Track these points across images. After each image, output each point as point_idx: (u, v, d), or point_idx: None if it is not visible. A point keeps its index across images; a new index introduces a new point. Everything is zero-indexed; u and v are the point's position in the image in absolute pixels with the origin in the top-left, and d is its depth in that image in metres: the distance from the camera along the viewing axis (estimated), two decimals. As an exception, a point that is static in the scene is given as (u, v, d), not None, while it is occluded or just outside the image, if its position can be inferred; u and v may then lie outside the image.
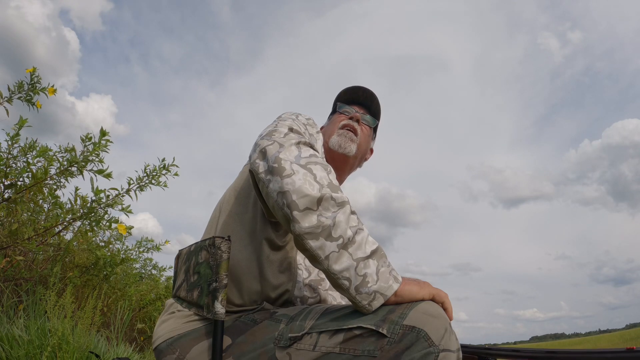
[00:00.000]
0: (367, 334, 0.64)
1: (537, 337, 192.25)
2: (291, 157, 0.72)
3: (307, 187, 0.67)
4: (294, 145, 0.75)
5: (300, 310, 0.78)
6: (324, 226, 0.66)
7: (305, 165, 0.71)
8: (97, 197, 2.46)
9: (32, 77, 2.31)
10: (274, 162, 0.71)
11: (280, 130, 0.80)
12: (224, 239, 0.85)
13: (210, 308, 0.81)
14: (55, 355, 1.90)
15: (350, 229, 0.66)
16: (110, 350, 2.49)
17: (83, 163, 2.38)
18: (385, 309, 0.65)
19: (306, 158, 0.73)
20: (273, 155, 0.72)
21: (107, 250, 3.17)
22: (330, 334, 0.67)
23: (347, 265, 0.65)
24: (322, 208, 0.67)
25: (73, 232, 2.81)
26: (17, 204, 2.31)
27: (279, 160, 0.71)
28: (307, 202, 0.67)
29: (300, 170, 0.69)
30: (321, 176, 0.70)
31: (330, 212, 0.67)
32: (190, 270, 0.92)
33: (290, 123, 0.86)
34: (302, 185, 0.67)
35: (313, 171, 0.70)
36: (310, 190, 0.67)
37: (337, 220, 0.66)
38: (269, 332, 0.76)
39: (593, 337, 61.98)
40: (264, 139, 0.78)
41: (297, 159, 0.72)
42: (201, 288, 0.86)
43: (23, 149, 2.34)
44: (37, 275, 2.65)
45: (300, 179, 0.68)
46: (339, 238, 0.66)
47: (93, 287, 2.92)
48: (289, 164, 0.70)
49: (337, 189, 0.70)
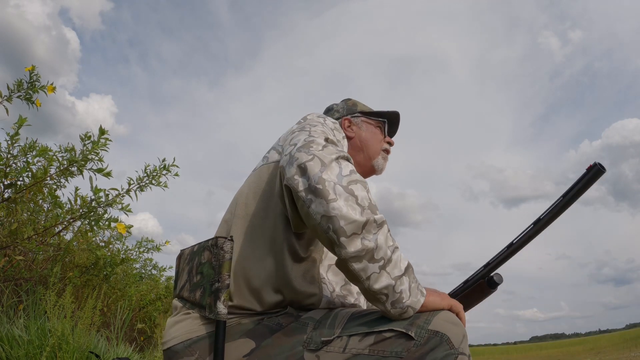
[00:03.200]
0: (397, 336, 0.70)
1: (537, 337, 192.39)
2: (334, 178, 0.70)
3: (352, 213, 0.69)
4: (334, 161, 0.73)
5: (324, 313, 0.81)
6: (368, 249, 0.69)
7: (347, 186, 0.71)
8: (96, 197, 2.46)
9: (32, 76, 2.31)
10: (317, 182, 0.70)
11: (317, 142, 0.76)
12: (226, 239, 0.85)
13: (213, 308, 0.81)
14: (55, 355, 1.90)
15: (389, 249, 0.71)
16: (110, 350, 2.49)
17: (82, 162, 2.38)
18: (407, 319, 0.72)
19: (347, 177, 0.72)
20: (315, 175, 0.70)
21: (107, 250, 3.17)
22: (360, 337, 0.72)
23: (386, 284, 0.69)
24: (365, 231, 0.69)
25: (73, 232, 2.81)
26: (17, 203, 2.31)
27: (322, 181, 0.70)
28: (353, 228, 0.69)
29: (344, 193, 0.70)
30: (362, 197, 0.71)
31: (372, 235, 0.70)
32: (193, 271, 0.92)
33: (323, 130, 0.84)
34: (348, 212, 0.69)
35: (355, 192, 0.71)
36: (355, 216, 0.69)
37: (379, 243, 0.70)
38: (296, 335, 0.77)
39: (593, 337, 62.07)
40: (302, 152, 0.73)
41: (339, 178, 0.71)
42: (204, 288, 0.86)
43: (23, 149, 2.34)
44: (37, 275, 2.65)
45: (345, 204, 0.69)
46: (380, 260, 0.70)
47: (93, 287, 2.92)
48: (333, 186, 0.70)
49: (376, 208, 0.72)
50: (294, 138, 0.82)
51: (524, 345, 75.52)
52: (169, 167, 2.65)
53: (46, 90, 2.37)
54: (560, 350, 30.37)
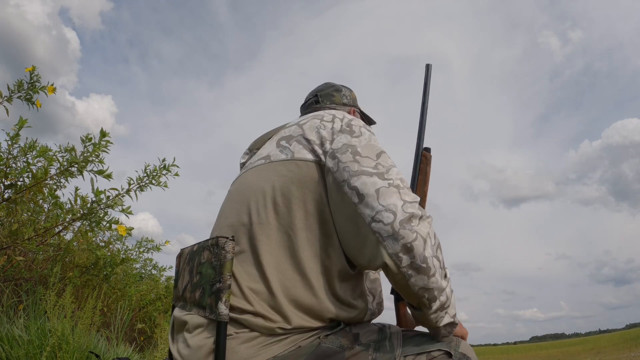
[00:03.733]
0: (442, 356, 0.81)
1: (537, 337, 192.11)
2: (430, 252, 0.78)
3: (443, 282, 0.80)
4: (428, 235, 0.78)
5: (380, 334, 0.86)
6: (443, 305, 0.82)
7: (436, 255, 0.79)
8: (97, 198, 2.46)
9: (32, 76, 2.31)
10: (422, 262, 0.77)
11: (414, 213, 0.77)
12: (227, 239, 0.84)
13: (214, 309, 0.80)
14: (55, 355, 1.90)
15: (452, 295, 0.84)
16: (110, 350, 2.49)
17: (83, 164, 2.38)
18: (445, 340, 0.85)
19: (435, 244, 0.80)
20: (421, 255, 0.76)
21: (107, 251, 3.17)
22: (414, 356, 0.82)
23: (448, 321, 0.84)
24: (446, 297, 0.82)
25: (73, 232, 2.81)
26: (17, 204, 2.31)
27: (426, 260, 0.77)
28: (441, 294, 0.80)
29: (437, 263, 0.79)
30: (443, 260, 0.81)
31: (447, 291, 0.82)
32: (193, 271, 0.91)
33: (392, 164, 0.85)
34: (440, 282, 0.79)
35: (440, 258, 0.80)
36: (443, 284, 0.80)
37: (449, 298, 0.83)
38: (362, 358, 0.81)
39: (593, 337, 61.98)
40: (406, 229, 0.75)
41: (433, 249, 0.78)
42: (203, 288, 0.85)
43: (23, 149, 2.34)
44: (37, 275, 2.65)
45: (440, 275, 0.80)
46: (447, 307, 0.83)
47: (93, 287, 2.92)
48: (431, 261, 0.77)
49: (444, 265, 0.83)
50: (360, 161, 0.83)
51: (524, 345, 75.48)
52: (168, 167, 2.65)
53: (46, 91, 2.37)
54: (560, 350, 30.36)
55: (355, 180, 0.80)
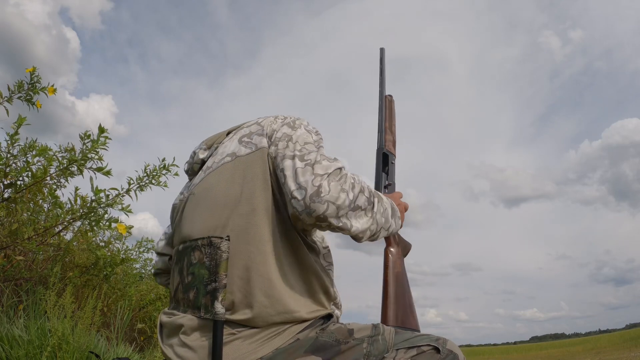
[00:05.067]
0: (431, 351, 0.87)
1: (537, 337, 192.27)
2: (344, 211, 0.85)
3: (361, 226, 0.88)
4: (342, 193, 0.84)
5: (374, 330, 0.90)
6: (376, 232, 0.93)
7: (354, 206, 0.86)
8: (97, 197, 2.46)
9: (32, 77, 2.31)
10: (338, 222, 0.84)
11: (317, 176, 0.84)
12: (222, 239, 0.84)
13: (210, 308, 0.81)
14: (55, 355, 1.90)
15: (383, 216, 0.94)
16: (110, 350, 2.49)
17: (82, 161, 2.37)
18: (432, 336, 0.90)
19: (353, 199, 0.86)
20: (334, 218, 0.84)
21: (107, 250, 3.17)
22: (405, 350, 0.87)
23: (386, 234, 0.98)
24: (374, 228, 0.91)
25: (73, 232, 2.81)
26: (17, 203, 2.31)
27: (340, 219, 0.84)
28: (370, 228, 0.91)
29: (352, 214, 0.86)
30: (363, 203, 0.88)
31: (377, 222, 0.92)
32: (184, 272, 0.91)
33: (314, 149, 0.90)
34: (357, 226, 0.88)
35: (359, 204, 0.87)
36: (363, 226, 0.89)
37: (379, 222, 0.92)
38: (357, 352, 0.85)
39: (593, 337, 61.97)
40: (315, 202, 0.81)
41: (349, 206, 0.85)
42: (197, 289, 0.85)
43: (23, 149, 2.34)
44: (37, 275, 2.65)
45: (355, 222, 0.87)
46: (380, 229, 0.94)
47: (93, 287, 2.92)
48: (347, 216, 0.85)
49: (371, 200, 0.90)
50: (290, 146, 0.90)
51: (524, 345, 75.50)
52: (168, 166, 2.65)
53: (47, 92, 2.37)
54: (560, 350, 30.35)
55: (283, 164, 0.88)
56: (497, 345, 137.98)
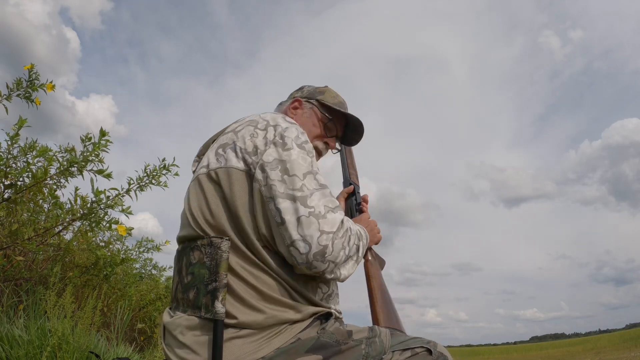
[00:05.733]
0: (424, 352, 0.90)
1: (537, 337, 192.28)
2: (342, 263, 0.91)
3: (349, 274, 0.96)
4: (342, 251, 0.89)
5: (370, 332, 0.92)
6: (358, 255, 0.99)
7: (347, 258, 0.93)
8: (97, 198, 2.46)
9: (31, 74, 2.30)
10: (333, 275, 0.91)
11: (324, 234, 0.85)
12: (223, 239, 0.85)
13: (210, 308, 0.81)
14: (55, 355, 1.90)
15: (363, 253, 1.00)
16: (110, 350, 2.50)
17: (83, 163, 2.38)
18: (424, 339, 0.93)
19: (348, 253, 0.92)
20: (337, 279, 0.93)
21: (107, 250, 3.17)
22: (400, 352, 0.90)
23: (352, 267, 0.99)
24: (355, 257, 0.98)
25: (73, 232, 2.81)
26: (17, 204, 2.31)
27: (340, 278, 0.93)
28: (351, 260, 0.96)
29: (347, 266, 0.95)
30: (354, 252, 0.95)
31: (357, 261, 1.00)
32: (183, 271, 0.91)
33: (316, 186, 0.90)
34: (346, 275, 0.95)
35: (350, 254, 0.93)
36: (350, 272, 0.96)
37: (357, 248, 0.97)
38: (356, 353, 0.87)
39: (593, 337, 61.98)
40: (319, 260, 0.85)
41: (344, 259, 0.91)
42: (197, 289, 0.85)
43: (23, 149, 2.34)
44: (37, 275, 2.65)
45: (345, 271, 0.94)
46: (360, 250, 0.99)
47: (93, 287, 2.92)
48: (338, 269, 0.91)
49: (360, 246, 0.97)
50: (287, 181, 0.87)
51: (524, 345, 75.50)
52: (169, 166, 2.65)
53: (45, 89, 2.36)
54: (560, 350, 30.34)
55: (280, 202, 0.86)
56: (497, 345, 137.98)
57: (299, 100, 1.20)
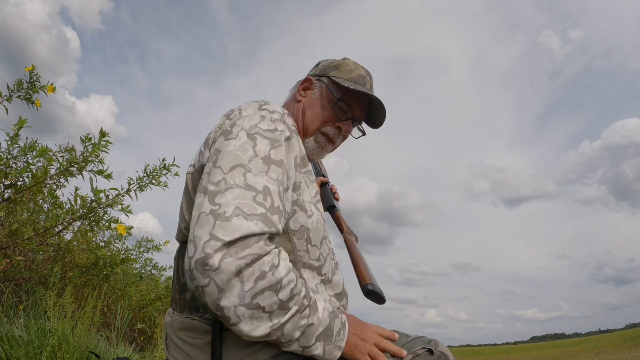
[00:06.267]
0: (425, 353, 0.88)
1: (537, 337, 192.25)
2: (234, 300, 0.66)
3: (255, 330, 0.69)
4: (234, 278, 0.65)
5: None
6: (275, 340, 0.73)
7: (251, 302, 0.66)
8: (96, 198, 2.46)
9: (32, 76, 2.31)
10: (217, 309, 0.67)
11: (213, 240, 0.65)
12: None
13: (208, 309, 0.80)
14: (55, 355, 1.90)
15: (299, 330, 0.73)
16: (110, 350, 2.50)
17: (83, 163, 2.38)
18: (425, 339, 0.91)
19: (250, 291, 0.66)
20: (214, 303, 0.66)
21: (107, 250, 3.17)
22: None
23: (294, 349, 0.76)
24: (272, 335, 0.71)
25: (73, 232, 2.82)
26: (17, 204, 2.31)
27: (222, 309, 0.66)
28: (258, 339, 0.71)
29: (247, 312, 0.67)
30: (270, 304, 0.68)
31: (279, 331, 0.71)
32: (179, 272, 0.89)
33: (239, 182, 0.71)
34: (250, 330, 0.68)
35: (261, 304, 0.67)
36: (258, 332, 0.69)
37: (285, 333, 0.72)
38: None
39: (593, 337, 61.95)
40: (198, 270, 0.65)
41: (241, 298, 0.66)
42: None
43: (23, 149, 2.34)
44: (37, 275, 2.65)
45: (247, 324, 0.68)
46: (288, 342, 0.74)
47: (93, 287, 2.92)
48: (233, 311, 0.66)
49: (286, 303, 0.70)
50: (211, 173, 0.74)
51: (524, 345, 75.48)
52: (169, 166, 2.65)
53: (46, 91, 2.37)
54: (560, 350, 30.34)
55: (196, 197, 0.74)
56: (497, 345, 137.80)
57: (309, 79, 1.06)
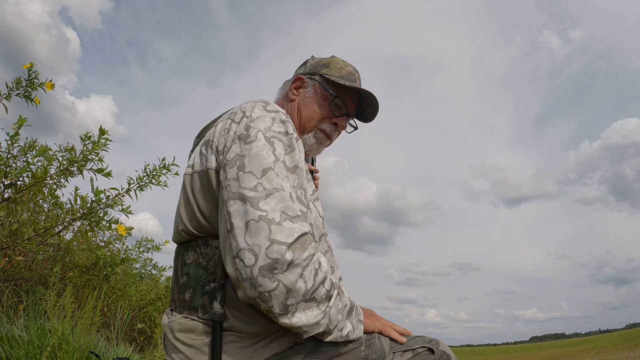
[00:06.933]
0: (425, 352, 0.88)
1: (537, 337, 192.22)
2: (299, 298, 0.71)
3: (312, 321, 0.74)
4: (299, 279, 0.70)
5: (369, 334, 0.89)
6: (325, 330, 0.79)
7: (310, 296, 0.73)
8: (97, 198, 2.46)
9: (30, 73, 2.30)
10: (282, 310, 0.71)
11: (275, 244, 0.68)
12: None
13: (208, 309, 0.80)
14: (55, 355, 1.90)
15: (340, 313, 0.80)
16: (110, 350, 2.49)
17: (83, 162, 2.38)
18: (426, 338, 0.92)
19: (311, 289, 0.72)
20: (281, 304, 0.70)
21: (107, 250, 3.17)
22: (401, 353, 0.88)
23: (334, 337, 0.81)
24: (325, 324, 0.77)
25: (73, 232, 2.82)
26: (17, 204, 2.31)
27: (287, 308, 0.71)
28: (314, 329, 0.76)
29: (304, 306, 0.73)
30: (320, 295, 0.75)
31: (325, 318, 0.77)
32: (178, 272, 0.89)
33: (276, 186, 0.73)
34: (307, 323, 0.74)
35: (317, 298, 0.74)
36: (314, 321, 0.75)
37: (332, 318, 0.78)
38: (355, 355, 0.85)
39: (593, 337, 61.90)
40: (265, 276, 0.68)
41: (305, 295, 0.71)
42: (193, 289, 0.83)
43: (23, 149, 2.34)
44: (37, 275, 2.65)
45: (307, 318, 0.74)
46: (335, 327, 0.80)
47: (93, 287, 2.92)
48: (294, 308, 0.72)
49: (329, 292, 0.76)
50: (241, 178, 0.74)
51: (524, 345, 75.53)
52: (169, 166, 2.65)
53: (45, 88, 2.36)
54: (560, 350, 30.34)
55: (231, 204, 0.73)
56: (497, 345, 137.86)
57: (301, 78, 1.10)
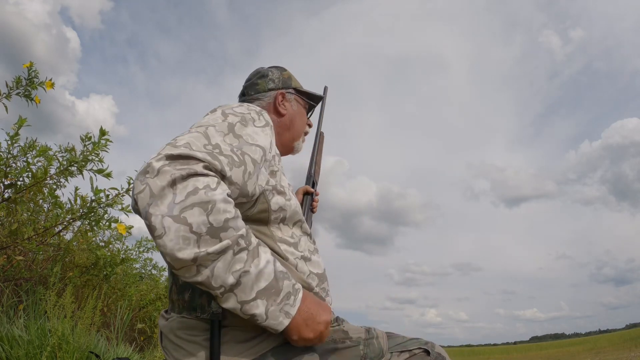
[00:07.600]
0: (421, 353, 0.90)
1: (537, 337, 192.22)
2: (164, 209, 0.65)
3: (179, 250, 0.66)
4: (168, 187, 0.66)
5: (367, 333, 0.90)
6: (200, 282, 0.69)
7: (179, 215, 0.65)
8: (96, 197, 2.46)
9: (30, 72, 2.30)
10: (145, 217, 0.66)
11: (161, 153, 0.69)
12: None
13: (206, 308, 0.80)
14: (55, 355, 1.90)
15: (233, 275, 0.69)
16: (110, 350, 2.49)
17: (83, 162, 2.38)
18: (422, 340, 0.94)
19: (181, 203, 0.66)
20: (144, 210, 0.66)
21: (107, 250, 3.17)
22: (398, 354, 0.90)
23: (231, 307, 0.72)
24: (198, 265, 0.68)
25: (73, 232, 2.81)
26: (17, 203, 2.31)
27: (150, 216, 0.65)
28: (181, 264, 0.67)
29: (173, 224, 0.65)
30: (198, 223, 0.66)
31: (208, 267, 0.68)
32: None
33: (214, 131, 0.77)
34: (173, 248, 0.66)
35: (188, 220, 0.65)
36: (182, 254, 0.66)
37: (215, 273, 0.68)
38: (354, 353, 0.86)
39: (593, 337, 61.85)
40: (138, 179, 0.67)
41: (170, 208, 0.65)
42: (192, 289, 0.84)
43: (23, 149, 2.34)
44: (37, 275, 2.65)
45: (172, 239, 0.65)
46: (220, 287, 0.70)
47: (93, 287, 2.92)
48: (160, 220, 0.65)
49: (219, 231, 0.68)
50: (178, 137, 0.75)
51: (524, 345, 75.55)
52: (168, 166, 2.65)
53: (45, 87, 2.36)
54: (560, 350, 30.35)
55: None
56: (497, 345, 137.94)
57: (282, 93, 1.17)
